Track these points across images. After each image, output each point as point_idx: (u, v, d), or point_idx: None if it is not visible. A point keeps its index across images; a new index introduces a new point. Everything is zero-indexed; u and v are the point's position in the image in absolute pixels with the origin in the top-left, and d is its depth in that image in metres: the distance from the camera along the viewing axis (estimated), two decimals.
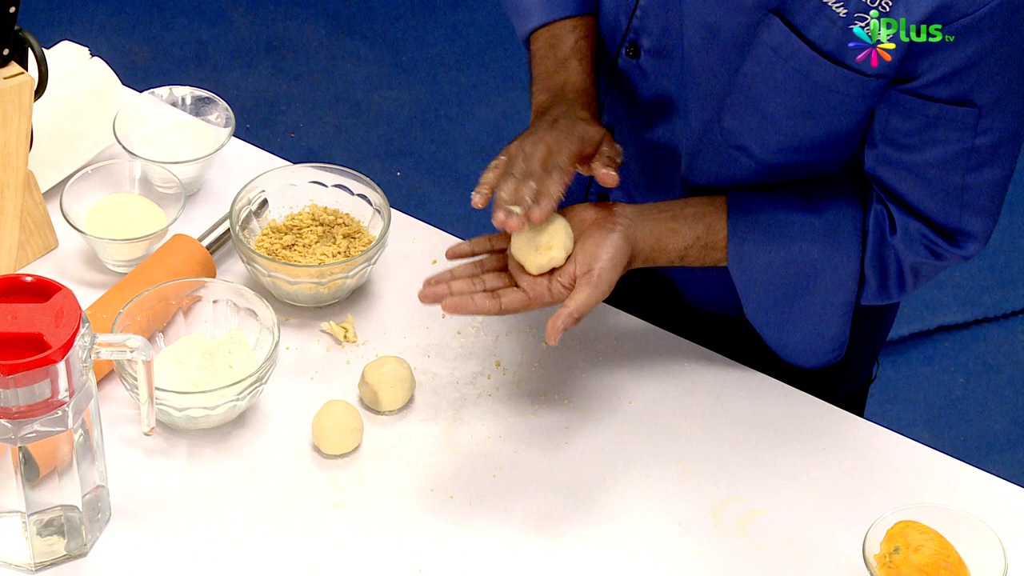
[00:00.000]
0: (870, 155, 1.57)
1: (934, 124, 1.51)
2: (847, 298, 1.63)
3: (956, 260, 1.60)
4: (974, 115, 1.49)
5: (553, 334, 1.53)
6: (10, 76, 1.66)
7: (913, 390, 3.01)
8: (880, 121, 1.54)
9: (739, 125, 1.59)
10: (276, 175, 1.80)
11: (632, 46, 1.66)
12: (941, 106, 1.49)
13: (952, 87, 1.48)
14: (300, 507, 1.58)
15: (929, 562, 1.48)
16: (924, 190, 1.56)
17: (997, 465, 1.78)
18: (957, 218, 1.56)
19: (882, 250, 1.60)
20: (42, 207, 1.76)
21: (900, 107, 1.52)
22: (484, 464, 1.63)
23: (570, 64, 1.67)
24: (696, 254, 1.63)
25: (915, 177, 1.55)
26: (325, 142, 3.37)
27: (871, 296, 1.63)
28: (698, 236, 1.62)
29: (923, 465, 1.66)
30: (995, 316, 3.13)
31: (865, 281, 1.62)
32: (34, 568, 1.52)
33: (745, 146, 1.60)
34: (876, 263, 1.61)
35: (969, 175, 1.53)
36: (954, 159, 1.52)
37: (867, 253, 1.61)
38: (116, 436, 1.62)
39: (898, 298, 1.64)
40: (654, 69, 1.65)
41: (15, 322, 1.39)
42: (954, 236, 1.58)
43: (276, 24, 3.62)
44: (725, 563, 1.56)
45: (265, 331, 1.66)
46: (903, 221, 1.58)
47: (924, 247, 1.58)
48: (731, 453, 1.65)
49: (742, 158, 1.61)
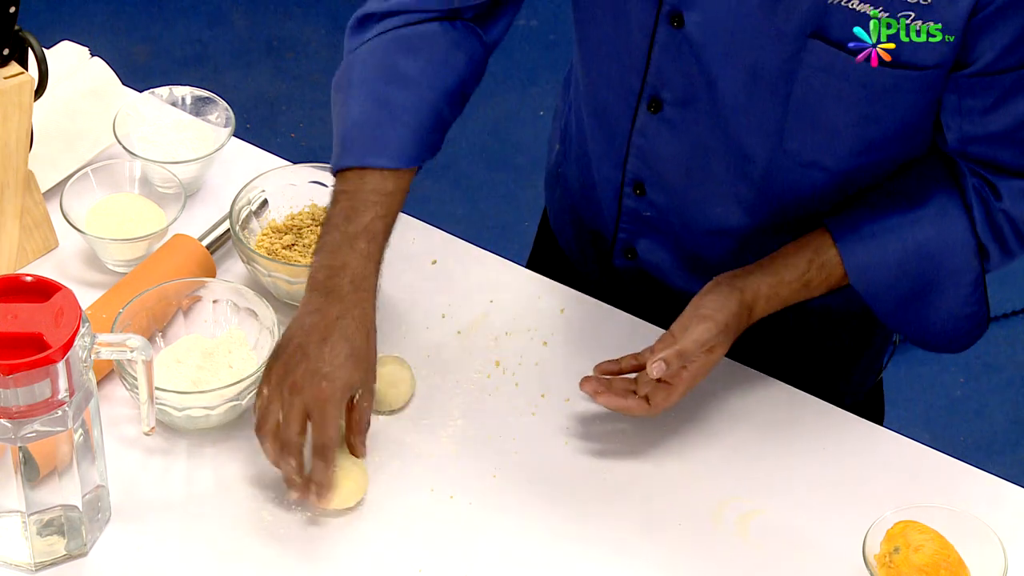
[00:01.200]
0: (952, 136, 1.57)
1: (1010, 92, 1.51)
2: (974, 276, 1.63)
3: None
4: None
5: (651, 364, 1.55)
6: (10, 76, 1.66)
7: (913, 390, 3.01)
8: (952, 106, 1.54)
9: (804, 145, 1.58)
10: (276, 175, 1.80)
11: (653, 101, 1.63)
12: (1011, 75, 1.49)
13: (1016, 55, 1.48)
14: (300, 507, 1.58)
15: (929, 562, 1.48)
16: (1016, 151, 1.55)
17: (997, 465, 1.78)
18: None
19: (992, 217, 1.59)
20: (42, 207, 1.76)
21: (972, 89, 1.51)
22: (484, 464, 1.63)
23: (357, 245, 1.56)
24: (816, 276, 1.62)
25: (1007, 142, 1.55)
26: (325, 142, 3.34)
27: (996, 263, 1.63)
28: (810, 260, 1.62)
29: (923, 465, 1.66)
30: (996, 316, 3.13)
31: (987, 252, 1.62)
32: (34, 568, 1.52)
33: (816, 161, 1.59)
34: (989, 232, 1.60)
35: None
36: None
37: (978, 226, 1.60)
38: (116, 436, 1.62)
39: (1022, 255, 1.64)
40: (682, 118, 1.62)
41: (15, 322, 1.39)
42: None
43: (276, 24, 3.62)
44: (725, 563, 1.56)
45: (265, 331, 1.65)
46: (1004, 184, 1.58)
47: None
48: (731, 453, 1.65)
49: (815, 173, 1.61)
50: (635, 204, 1.73)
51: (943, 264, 1.62)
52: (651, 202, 1.72)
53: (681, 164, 1.66)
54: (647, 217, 1.74)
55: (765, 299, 1.61)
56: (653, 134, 1.66)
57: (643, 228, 1.75)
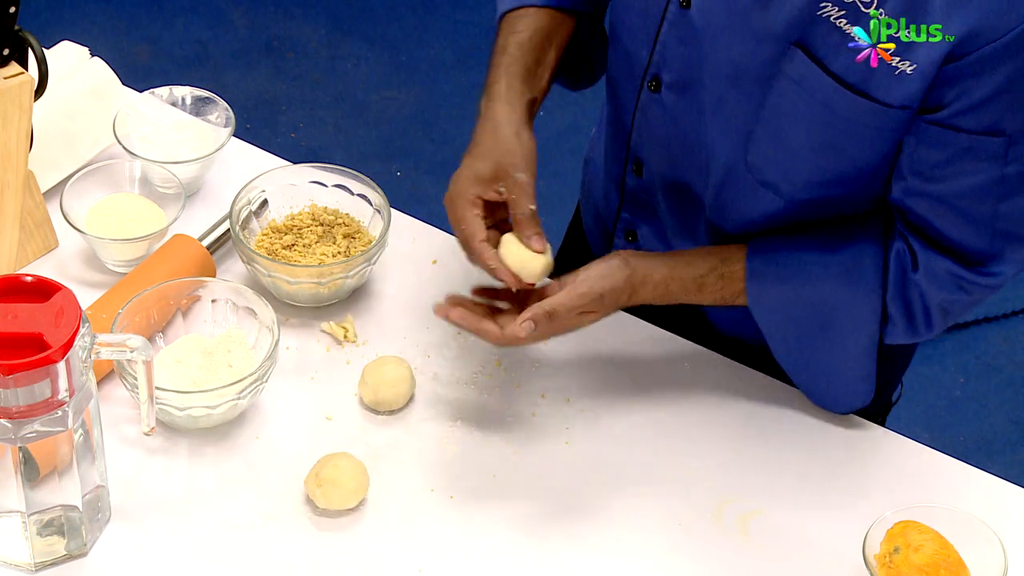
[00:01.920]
0: (898, 186, 1.56)
1: (964, 155, 1.49)
2: (869, 338, 1.62)
3: (986, 293, 1.58)
4: (1004, 144, 1.47)
5: (519, 323, 1.55)
6: (10, 76, 1.66)
7: (913, 390, 3.01)
8: (908, 152, 1.53)
9: (764, 160, 1.58)
10: (276, 175, 1.80)
11: (654, 80, 1.65)
12: (971, 136, 1.47)
13: (981, 117, 1.46)
14: (301, 507, 1.58)
15: (929, 562, 1.48)
16: (955, 220, 1.54)
17: (997, 465, 1.79)
18: (988, 246, 1.54)
19: (905, 288, 1.58)
20: (42, 207, 1.76)
21: (929, 139, 1.50)
22: (484, 464, 1.63)
23: (493, 62, 1.66)
24: (713, 283, 1.62)
25: (945, 207, 1.54)
26: (325, 142, 3.37)
27: (899, 335, 1.62)
28: (713, 266, 1.62)
29: (923, 465, 1.66)
30: (995, 316, 3.13)
31: (890, 320, 1.60)
32: (34, 568, 1.52)
33: (771, 182, 1.59)
34: (900, 301, 1.59)
35: (1001, 204, 1.51)
36: (985, 189, 1.51)
37: (889, 292, 1.59)
38: (116, 436, 1.62)
39: (927, 337, 1.62)
40: (675, 103, 1.64)
41: (15, 322, 1.39)
42: (985, 264, 1.56)
43: (276, 24, 3.62)
44: (725, 563, 1.56)
45: (264, 330, 1.66)
46: (926, 257, 1.57)
47: (951, 283, 1.57)
48: (731, 453, 1.65)
49: (768, 195, 1.60)
50: (634, 184, 1.75)
51: (839, 318, 1.61)
52: (647, 185, 1.73)
53: (668, 149, 1.68)
54: (644, 201, 1.75)
55: (653, 286, 1.61)
56: (651, 113, 1.67)
57: (642, 212, 1.76)
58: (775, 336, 1.65)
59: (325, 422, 1.66)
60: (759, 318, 1.64)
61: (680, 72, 1.61)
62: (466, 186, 1.58)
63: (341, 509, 1.57)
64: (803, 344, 1.64)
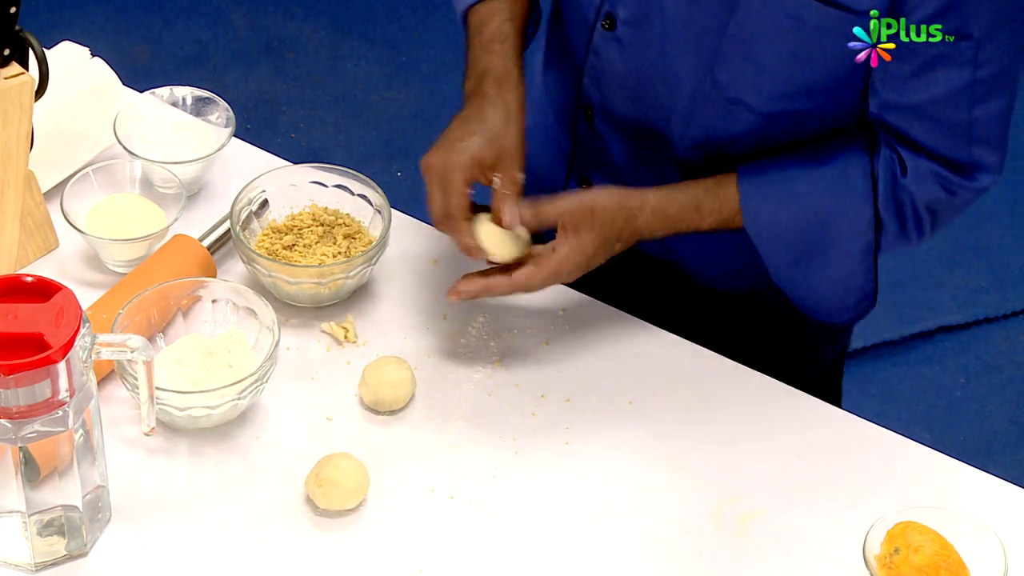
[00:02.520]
0: (874, 102, 1.58)
1: (935, 63, 1.52)
2: (865, 245, 1.64)
3: (971, 195, 1.61)
4: (973, 48, 1.50)
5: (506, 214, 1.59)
6: (11, 76, 1.66)
7: (913, 390, 3.01)
8: (880, 66, 1.54)
9: (733, 77, 1.59)
10: (276, 175, 1.80)
11: (608, 18, 1.65)
12: (939, 43, 1.50)
13: (947, 22, 1.48)
14: (301, 507, 1.58)
15: (929, 563, 1.48)
16: (932, 129, 1.57)
17: (997, 466, 1.79)
18: (968, 153, 1.57)
19: (896, 192, 1.61)
20: (42, 207, 1.76)
21: (898, 51, 1.52)
22: (484, 464, 1.63)
23: (492, 48, 1.67)
24: (710, 204, 1.63)
25: (921, 117, 1.56)
26: (325, 142, 3.37)
27: (891, 241, 1.65)
28: (707, 188, 1.64)
29: (923, 465, 1.66)
30: (995, 317, 3.13)
31: (883, 226, 1.63)
32: (34, 568, 1.52)
33: (741, 98, 1.60)
34: (892, 206, 1.62)
35: (975, 109, 1.54)
36: (958, 95, 1.53)
37: (880, 198, 1.61)
38: (117, 436, 1.62)
39: (918, 242, 1.65)
40: (632, 39, 1.64)
41: (16, 322, 1.39)
42: (967, 170, 1.59)
43: (276, 24, 3.62)
44: (725, 563, 1.56)
45: (265, 330, 1.66)
46: (914, 162, 1.59)
47: (937, 184, 1.59)
48: (731, 453, 1.65)
49: (739, 111, 1.61)
50: (586, 131, 1.75)
51: (836, 224, 1.63)
52: (599, 130, 1.74)
53: (626, 88, 1.68)
54: (596, 148, 1.76)
55: (651, 210, 1.62)
56: (605, 54, 1.67)
57: (595, 159, 1.77)
58: (773, 254, 1.67)
59: (325, 422, 1.66)
60: (756, 238, 1.65)
61: (637, 5, 1.62)
62: (466, 162, 1.60)
63: (341, 509, 1.57)
64: (801, 259, 1.66)
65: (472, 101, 1.64)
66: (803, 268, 1.67)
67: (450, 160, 1.60)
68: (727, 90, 1.60)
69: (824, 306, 1.71)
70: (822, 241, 1.64)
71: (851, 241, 1.64)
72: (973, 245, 3.24)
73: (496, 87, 1.63)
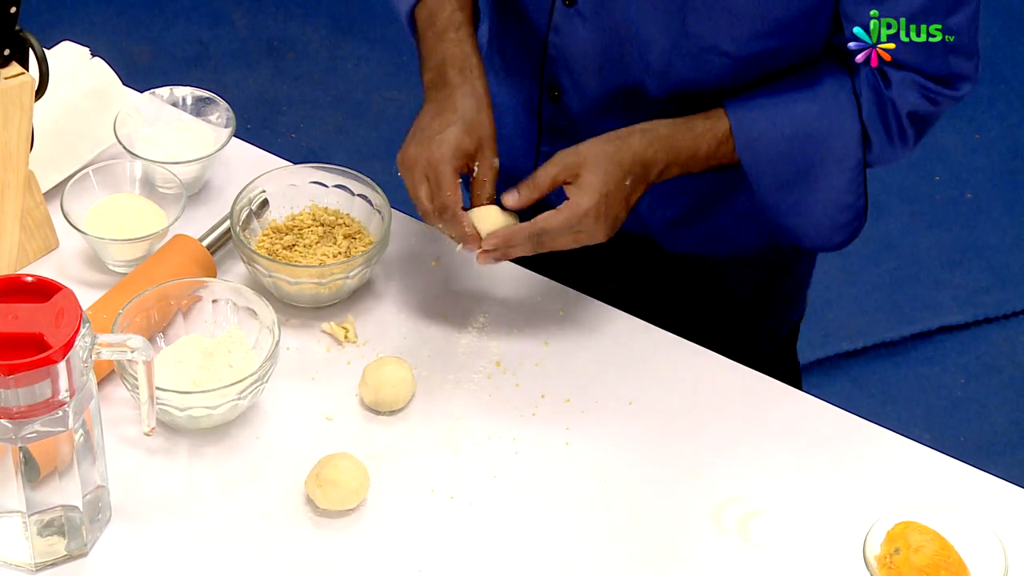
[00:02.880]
0: (848, 27, 1.60)
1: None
2: (855, 161, 1.66)
3: (951, 102, 1.63)
4: None
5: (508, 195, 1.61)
6: (11, 76, 1.66)
7: (913, 390, 3.01)
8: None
9: (706, 26, 1.60)
10: (277, 175, 1.80)
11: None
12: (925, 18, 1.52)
13: None
14: (301, 507, 1.58)
15: (930, 563, 1.48)
16: (908, 45, 1.58)
17: (998, 466, 1.78)
18: (945, 65, 1.59)
19: (880, 105, 1.63)
20: (43, 207, 1.76)
21: None
22: (484, 464, 1.63)
23: (447, 36, 1.67)
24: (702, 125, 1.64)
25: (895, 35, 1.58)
26: (326, 142, 3.37)
27: (877, 154, 1.66)
28: (701, 121, 1.64)
29: (923, 466, 1.66)
30: (996, 317, 3.13)
31: (869, 140, 1.65)
32: (34, 568, 1.52)
33: (716, 45, 1.62)
34: (877, 118, 1.64)
35: (949, 18, 1.56)
36: (931, 5, 1.55)
37: (865, 111, 1.63)
38: (117, 436, 1.62)
39: (903, 153, 1.67)
40: (595, 10, 1.65)
41: (16, 322, 1.39)
42: (948, 81, 1.61)
43: (277, 25, 3.62)
44: (725, 564, 1.56)
45: (265, 330, 1.66)
46: (897, 74, 1.61)
47: (920, 94, 1.62)
48: (731, 453, 1.65)
49: (714, 59, 1.63)
50: (552, 114, 1.76)
51: (826, 143, 1.65)
52: (566, 110, 1.74)
53: (594, 61, 1.69)
54: (563, 128, 1.76)
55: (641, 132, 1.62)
56: (568, 31, 1.68)
57: (563, 140, 1.76)
58: (766, 179, 1.68)
59: (325, 422, 1.66)
60: (748, 165, 1.66)
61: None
62: (451, 154, 1.61)
63: (341, 509, 1.57)
64: (795, 181, 1.68)
65: (437, 91, 1.65)
66: (796, 191, 1.68)
67: (435, 154, 1.61)
68: (701, 40, 1.61)
69: (817, 229, 1.72)
70: (814, 160, 1.66)
71: (843, 158, 1.66)
72: (973, 245, 3.24)
73: (460, 75, 1.64)
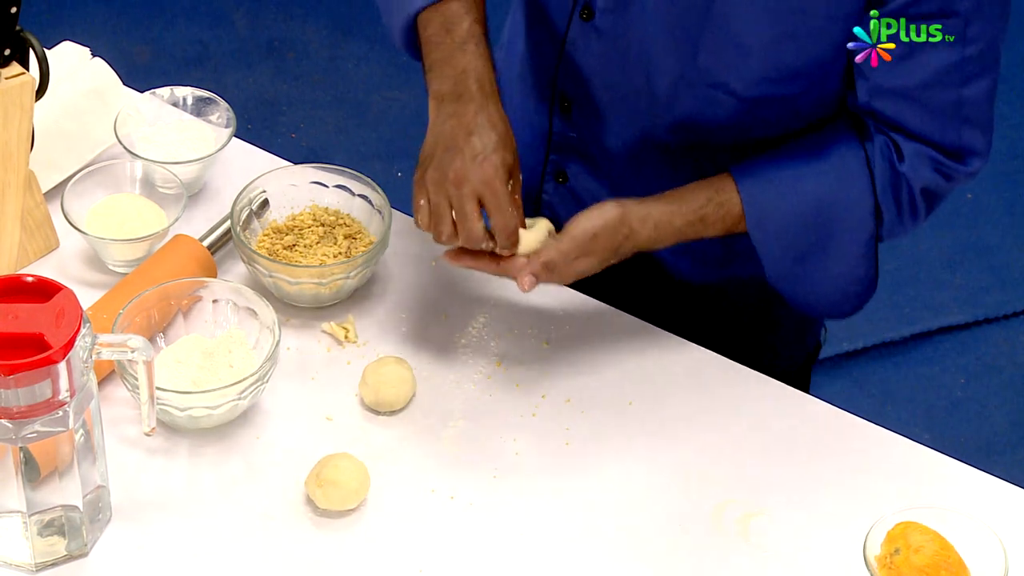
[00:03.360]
0: (862, 88, 1.58)
1: (921, 45, 1.51)
2: (868, 234, 1.64)
3: (964, 179, 1.61)
4: (960, 25, 1.50)
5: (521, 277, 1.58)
6: (11, 76, 1.66)
7: (914, 391, 3.01)
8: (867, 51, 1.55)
9: (716, 61, 1.58)
10: (277, 175, 1.80)
11: (586, 8, 1.64)
12: (926, 22, 1.50)
13: (930, 2, 1.49)
14: (301, 507, 1.58)
15: (930, 563, 1.49)
16: (922, 113, 1.57)
17: (998, 466, 1.78)
18: (958, 135, 1.57)
19: (893, 179, 1.61)
20: (43, 207, 1.76)
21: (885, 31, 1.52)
22: (484, 465, 1.63)
23: (468, 48, 1.61)
24: (713, 212, 1.63)
25: (912, 102, 1.56)
26: (326, 142, 3.37)
27: (888, 229, 1.65)
28: (709, 197, 1.63)
29: (924, 466, 1.66)
30: (996, 317, 3.13)
31: (881, 214, 1.63)
32: (35, 568, 1.52)
33: (724, 82, 1.60)
34: (889, 193, 1.62)
35: (964, 89, 1.54)
36: (947, 74, 1.53)
37: (878, 185, 1.61)
38: (117, 436, 1.62)
39: (912, 228, 1.65)
40: (611, 27, 1.64)
41: (16, 322, 1.39)
42: (959, 154, 1.59)
43: (277, 25, 3.62)
44: (725, 564, 1.56)
45: (265, 330, 1.66)
46: (910, 147, 1.59)
47: (933, 169, 1.60)
48: (731, 454, 1.65)
49: (722, 97, 1.61)
50: (562, 125, 1.75)
51: (839, 218, 1.63)
52: (576, 122, 1.74)
53: (604, 78, 1.68)
54: (572, 139, 1.75)
55: (654, 225, 1.61)
56: (583, 44, 1.67)
57: (572, 152, 1.77)
58: (775, 255, 1.66)
59: (326, 422, 1.66)
60: (760, 241, 1.65)
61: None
62: (505, 172, 1.56)
63: (342, 510, 1.57)
64: (805, 256, 1.66)
65: (459, 104, 1.59)
66: (807, 265, 1.67)
67: (487, 172, 1.55)
68: (710, 75, 1.60)
69: (828, 301, 1.71)
70: (826, 235, 1.64)
71: (855, 232, 1.64)
72: (973, 245, 3.24)
73: (481, 90, 1.60)
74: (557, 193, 1.81)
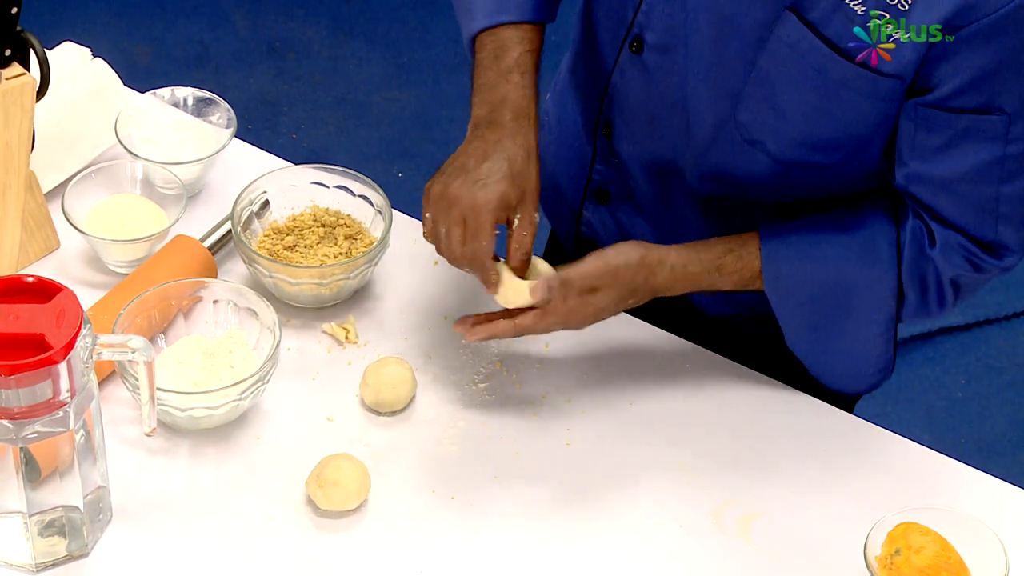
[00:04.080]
0: (900, 173, 1.55)
1: (964, 136, 1.49)
2: (887, 316, 1.62)
3: (996, 272, 1.58)
4: (1004, 123, 1.47)
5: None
6: (12, 77, 1.66)
7: (914, 391, 3.01)
8: (907, 137, 1.52)
9: (754, 119, 1.57)
10: (277, 176, 1.80)
11: (636, 41, 1.64)
12: (969, 117, 1.47)
13: (978, 95, 1.46)
14: (302, 508, 1.58)
15: (930, 564, 1.48)
16: (959, 205, 1.54)
17: (998, 467, 1.78)
18: (993, 231, 1.54)
19: (921, 264, 1.58)
20: (44, 208, 1.76)
21: (927, 122, 1.50)
22: (485, 465, 1.63)
23: (512, 78, 1.61)
24: (731, 264, 1.61)
25: (948, 192, 1.53)
26: (327, 143, 3.37)
27: (911, 313, 1.62)
28: (729, 248, 1.62)
29: (924, 467, 1.66)
30: (997, 318, 3.13)
31: (904, 297, 1.60)
32: (35, 568, 1.52)
33: (760, 140, 1.59)
34: (915, 277, 1.59)
35: (1003, 186, 1.51)
36: (987, 170, 1.50)
37: (904, 268, 1.59)
38: (118, 437, 1.62)
39: (938, 314, 1.62)
40: (657, 65, 1.63)
41: (17, 322, 1.39)
42: (993, 248, 1.56)
43: (278, 25, 3.62)
44: (726, 565, 1.56)
45: (266, 331, 1.66)
46: (943, 233, 1.56)
47: (964, 259, 1.56)
48: (732, 454, 1.65)
49: (757, 153, 1.60)
50: (605, 148, 1.75)
51: (858, 298, 1.61)
52: (616, 148, 1.73)
53: (646, 112, 1.67)
54: (614, 164, 1.75)
55: (671, 268, 1.60)
56: (629, 76, 1.66)
57: (612, 177, 1.76)
58: (791, 320, 1.65)
59: (326, 423, 1.66)
60: (776, 303, 1.63)
61: (665, 33, 1.60)
62: (496, 203, 1.55)
63: (342, 510, 1.57)
64: (820, 326, 1.64)
65: (488, 131, 1.59)
66: (821, 336, 1.65)
67: (478, 198, 1.55)
68: (746, 131, 1.58)
69: (840, 375, 1.69)
70: (843, 309, 1.62)
71: (873, 311, 1.61)
72: None
73: (515, 121, 1.59)
74: (597, 213, 1.80)
